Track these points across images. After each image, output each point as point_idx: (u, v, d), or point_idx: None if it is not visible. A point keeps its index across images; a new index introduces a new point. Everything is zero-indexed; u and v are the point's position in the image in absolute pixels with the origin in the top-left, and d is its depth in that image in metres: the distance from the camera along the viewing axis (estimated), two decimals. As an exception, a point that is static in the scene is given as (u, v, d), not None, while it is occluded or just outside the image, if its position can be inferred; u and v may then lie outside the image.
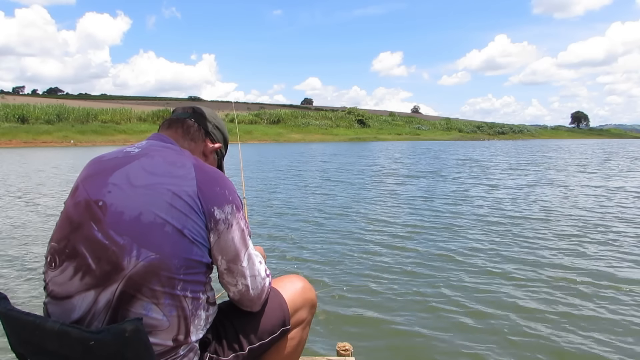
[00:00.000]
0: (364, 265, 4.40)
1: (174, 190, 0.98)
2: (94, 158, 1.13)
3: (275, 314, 1.19)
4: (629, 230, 5.75)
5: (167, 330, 0.96)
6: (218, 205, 1.02)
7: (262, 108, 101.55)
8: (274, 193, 9.97)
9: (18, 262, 4.48)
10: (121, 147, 1.15)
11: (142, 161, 1.04)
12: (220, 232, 1.02)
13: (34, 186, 11.14)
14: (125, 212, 0.96)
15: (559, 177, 13.03)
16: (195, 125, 1.20)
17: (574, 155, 26.60)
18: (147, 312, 0.94)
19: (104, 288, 0.94)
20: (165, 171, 1.01)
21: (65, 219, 1.01)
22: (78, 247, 0.96)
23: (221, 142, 1.29)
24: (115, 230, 0.95)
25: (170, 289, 0.95)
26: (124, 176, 1.01)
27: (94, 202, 0.99)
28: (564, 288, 3.66)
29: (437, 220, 6.64)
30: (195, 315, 1.00)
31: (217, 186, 1.03)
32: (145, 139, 1.17)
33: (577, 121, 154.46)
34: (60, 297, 0.99)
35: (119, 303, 0.94)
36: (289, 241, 5.40)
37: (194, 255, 0.98)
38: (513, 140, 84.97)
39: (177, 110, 1.27)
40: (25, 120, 54.00)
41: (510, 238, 5.40)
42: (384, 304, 3.42)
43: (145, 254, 0.94)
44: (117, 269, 0.94)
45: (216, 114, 1.32)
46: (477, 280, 3.88)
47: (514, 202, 8.28)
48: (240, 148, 2.43)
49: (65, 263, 0.98)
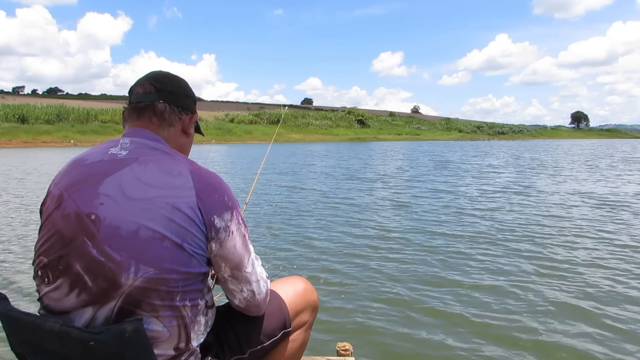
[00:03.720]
0: (364, 265, 4.39)
1: (172, 203, 0.92)
2: (73, 159, 1.03)
3: (276, 317, 1.18)
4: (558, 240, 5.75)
5: (168, 340, 0.95)
6: (218, 213, 0.97)
7: (262, 108, 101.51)
8: (274, 192, 9.98)
9: (18, 262, 4.47)
10: (102, 143, 1.06)
11: (135, 169, 0.96)
12: (221, 240, 0.99)
13: (33, 185, 11.14)
14: (121, 226, 0.90)
15: (517, 180, 13.01)
16: (167, 108, 1.07)
17: (557, 156, 26.58)
18: (147, 325, 0.91)
19: (102, 305, 0.91)
20: (162, 182, 0.94)
21: (54, 232, 0.95)
22: (72, 264, 0.92)
23: (195, 108, 1.17)
24: (111, 246, 0.90)
25: (169, 302, 0.93)
26: (116, 186, 0.94)
27: (85, 215, 0.92)
28: (557, 289, 3.66)
29: (437, 220, 6.64)
30: (194, 322, 0.99)
31: (215, 193, 0.99)
32: (124, 135, 1.06)
33: (577, 121, 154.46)
34: (56, 312, 0.96)
35: (117, 319, 0.91)
36: (288, 241, 5.40)
37: (193, 268, 0.95)
38: (513, 140, 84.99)
39: (135, 90, 1.09)
40: (25, 120, 54.02)
41: (526, 242, 5.39)
42: (384, 304, 3.41)
43: (144, 270, 0.90)
44: (114, 286, 0.90)
45: (177, 77, 1.15)
46: (477, 281, 3.88)
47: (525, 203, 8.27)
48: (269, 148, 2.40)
49: (59, 280, 0.94)
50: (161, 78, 1.10)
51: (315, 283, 3.80)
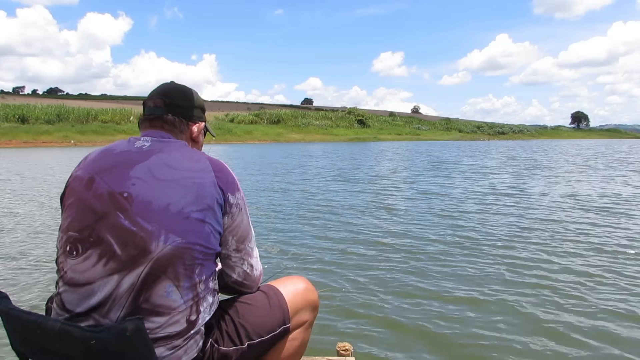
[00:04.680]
0: (364, 265, 4.40)
1: (198, 182, 1.06)
2: (101, 149, 1.14)
3: (275, 312, 1.22)
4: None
5: (183, 312, 1.02)
6: (231, 192, 1.12)
7: (263, 108, 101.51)
8: (273, 193, 9.99)
9: (18, 262, 4.48)
10: (122, 139, 1.17)
11: (161, 157, 1.09)
12: (233, 214, 1.13)
13: (37, 184, 11.14)
14: (152, 201, 1.01)
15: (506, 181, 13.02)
16: (175, 120, 1.21)
17: (548, 155, 26.58)
18: (168, 294, 1.00)
19: (129, 272, 0.98)
20: (187, 166, 1.08)
21: (85, 209, 1.03)
22: (103, 235, 1.00)
23: (203, 116, 1.32)
24: (143, 218, 1.00)
25: (190, 273, 1.02)
26: (146, 170, 1.05)
27: (118, 193, 1.02)
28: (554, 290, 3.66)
29: (437, 221, 6.65)
30: (204, 300, 1.07)
31: (229, 175, 1.14)
32: (143, 135, 1.18)
33: (577, 121, 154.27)
34: (79, 284, 1.01)
35: (143, 285, 0.98)
36: (288, 241, 5.40)
37: (211, 244, 1.07)
38: (513, 140, 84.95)
39: (148, 103, 1.23)
40: (25, 120, 53.94)
41: (535, 238, 5.40)
42: (385, 303, 3.42)
43: (173, 238, 1.00)
44: (144, 252, 0.99)
45: (185, 89, 1.27)
46: (479, 280, 3.88)
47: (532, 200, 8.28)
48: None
49: (89, 251, 1.00)
50: (170, 92, 1.23)
51: (316, 283, 3.80)
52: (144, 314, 0.98)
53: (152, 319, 0.99)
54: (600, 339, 2.79)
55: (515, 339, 2.82)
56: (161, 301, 1.00)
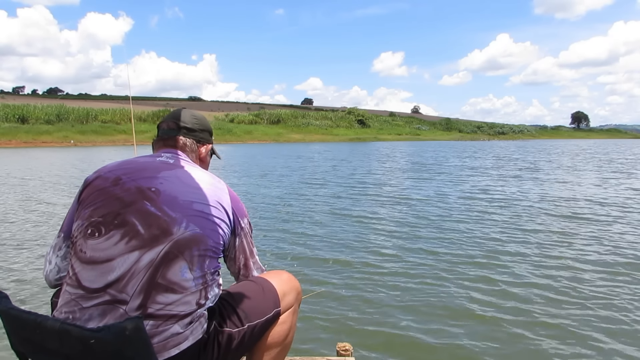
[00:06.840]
0: (364, 265, 4.40)
1: (217, 199, 1.20)
2: (122, 160, 1.28)
3: (268, 298, 1.34)
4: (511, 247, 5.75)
5: (193, 293, 1.11)
6: (241, 217, 1.29)
7: (263, 108, 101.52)
8: (272, 192, 9.99)
9: (19, 261, 4.48)
10: (146, 154, 1.31)
11: (185, 170, 1.23)
12: (242, 237, 1.30)
13: (37, 187, 11.15)
14: (178, 197, 1.14)
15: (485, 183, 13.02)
16: (187, 141, 1.36)
17: (537, 157, 26.56)
18: (182, 274, 1.09)
19: (150, 249, 1.07)
20: (209, 182, 1.23)
21: (113, 198, 1.12)
22: (128, 218, 1.09)
23: (211, 139, 1.46)
24: (169, 207, 1.12)
25: (202, 261, 1.13)
26: (173, 175, 1.19)
27: (146, 188, 1.14)
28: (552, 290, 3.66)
29: (438, 221, 6.65)
30: (211, 288, 1.18)
31: (239, 203, 1.29)
32: (163, 152, 1.31)
33: (578, 121, 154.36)
34: (100, 261, 1.07)
35: (161, 262, 1.07)
36: (288, 241, 5.41)
37: (220, 245, 1.21)
38: (513, 140, 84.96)
39: (162, 126, 1.40)
40: (25, 120, 54.01)
41: (527, 233, 5.40)
42: (384, 304, 3.42)
43: (193, 227, 1.12)
44: (166, 233, 1.09)
45: (195, 114, 1.44)
46: (476, 282, 3.89)
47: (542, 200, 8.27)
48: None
49: (112, 232, 1.08)
50: (182, 117, 1.39)
51: (316, 283, 3.82)
52: (159, 289, 1.06)
53: (166, 294, 1.07)
54: (601, 339, 2.80)
55: (514, 339, 2.82)
56: (176, 278, 1.08)
